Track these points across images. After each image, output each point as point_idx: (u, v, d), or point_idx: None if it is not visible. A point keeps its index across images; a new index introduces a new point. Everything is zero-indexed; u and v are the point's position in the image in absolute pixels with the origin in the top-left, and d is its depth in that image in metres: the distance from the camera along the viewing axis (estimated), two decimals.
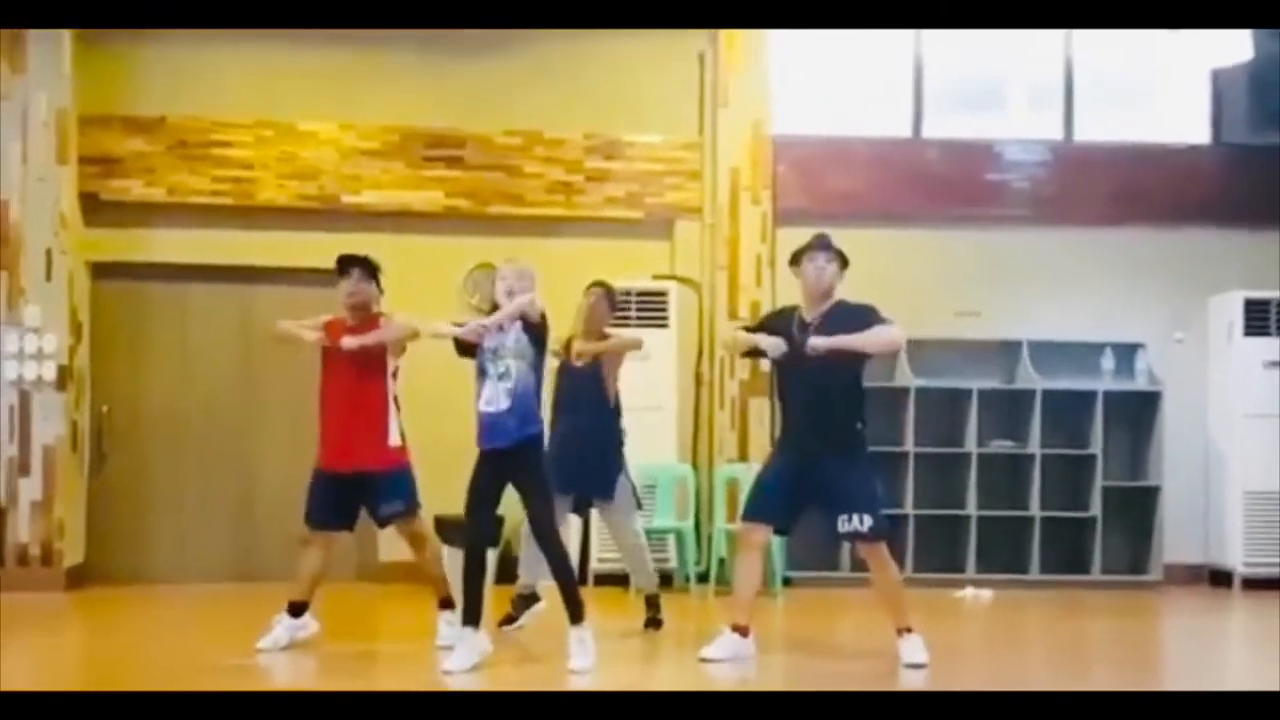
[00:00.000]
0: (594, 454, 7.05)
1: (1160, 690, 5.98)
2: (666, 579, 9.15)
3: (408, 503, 6.53)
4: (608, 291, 7.29)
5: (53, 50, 8.90)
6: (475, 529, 6.04)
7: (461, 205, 9.66)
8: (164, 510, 9.52)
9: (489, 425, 5.95)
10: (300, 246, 9.53)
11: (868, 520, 6.18)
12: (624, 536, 7.29)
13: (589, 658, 5.91)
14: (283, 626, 6.48)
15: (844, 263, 6.43)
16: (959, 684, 5.99)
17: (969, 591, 9.15)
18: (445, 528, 8.82)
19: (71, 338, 9.06)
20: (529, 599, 7.15)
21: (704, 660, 6.20)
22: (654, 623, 7.25)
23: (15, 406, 8.89)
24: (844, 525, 6.19)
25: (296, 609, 6.53)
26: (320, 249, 9.51)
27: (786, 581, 9.19)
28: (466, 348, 6.04)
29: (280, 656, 6.39)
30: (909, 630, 6.27)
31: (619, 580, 8.84)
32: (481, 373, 6.00)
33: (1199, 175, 10.14)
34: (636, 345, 7.29)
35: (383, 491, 6.48)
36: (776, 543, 8.93)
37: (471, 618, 5.93)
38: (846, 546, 9.50)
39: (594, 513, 7.64)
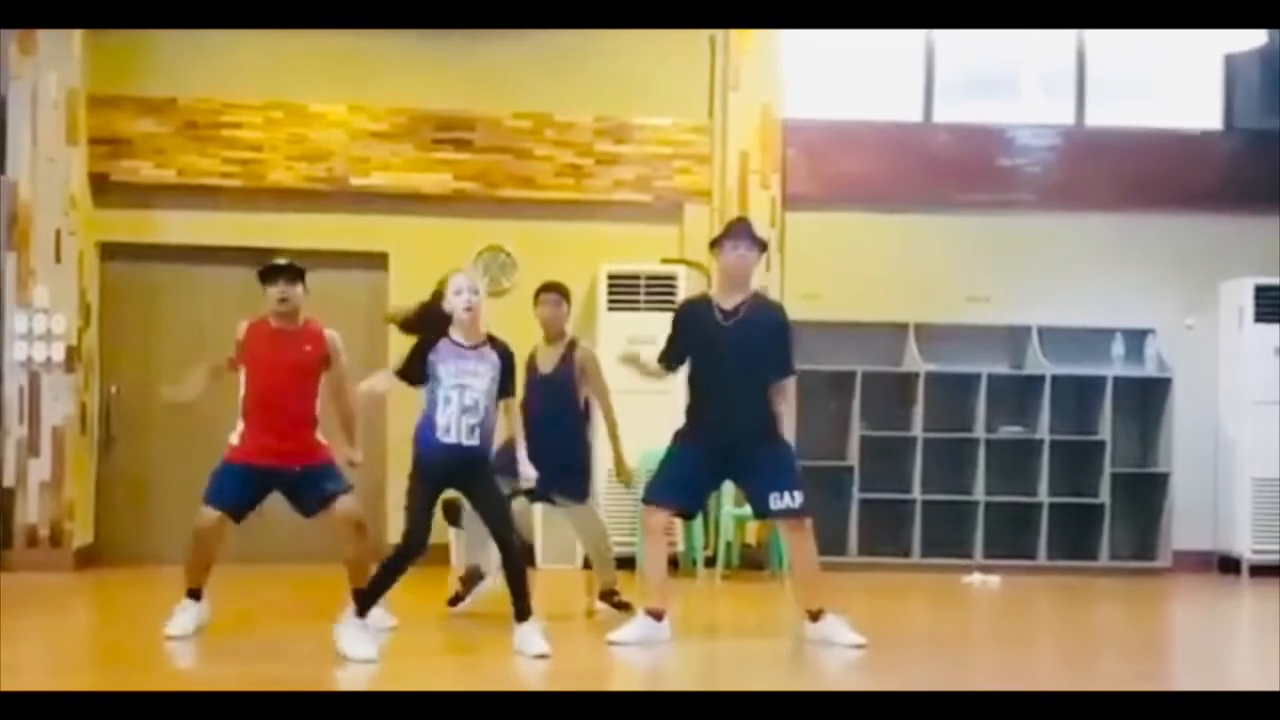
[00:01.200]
0: (569, 460, 6.98)
1: (1170, 690, 5.97)
2: (673, 563, 9.15)
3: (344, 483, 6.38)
4: (560, 295, 7.23)
5: (63, 31, 8.88)
6: (416, 536, 5.70)
7: (470, 188, 9.65)
8: (173, 491, 9.50)
9: (449, 453, 5.69)
10: (309, 228, 9.53)
11: (798, 497, 6.19)
12: (593, 533, 7.24)
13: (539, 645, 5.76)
14: (189, 613, 6.38)
15: (763, 249, 6.45)
16: (967, 671, 5.99)
17: (976, 577, 9.15)
18: (449, 510, 8.83)
19: (80, 319, 9.07)
20: (475, 577, 7.13)
21: (612, 643, 6.12)
22: (621, 606, 7.13)
23: (24, 387, 8.91)
24: (776, 503, 6.18)
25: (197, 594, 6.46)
26: (329, 231, 9.57)
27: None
28: (419, 369, 5.75)
29: (286, 641, 6.40)
30: (823, 613, 6.24)
31: (625, 564, 8.84)
32: (440, 399, 5.71)
33: (1211, 161, 10.10)
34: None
35: (318, 478, 6.34)
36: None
37: (366, 611, 5.76)
38: (854, 529, 9.53)
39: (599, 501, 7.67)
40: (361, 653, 5.59)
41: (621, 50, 9.64)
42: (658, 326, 8.18)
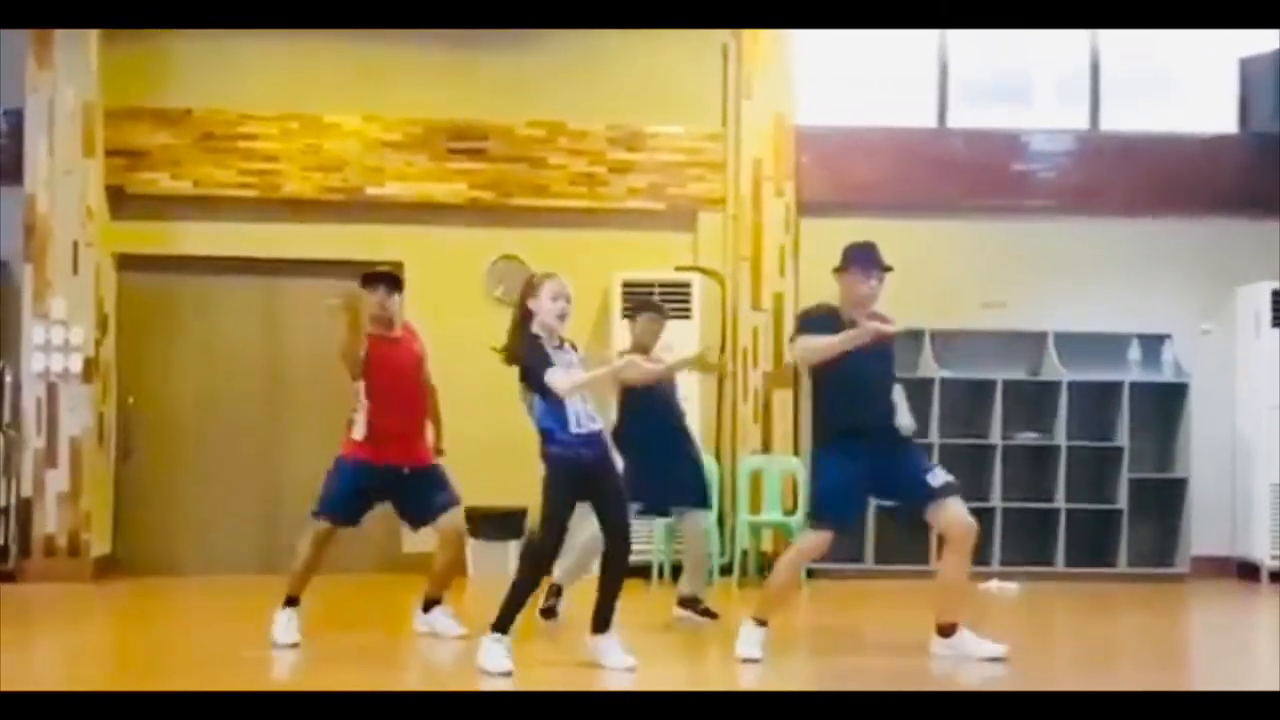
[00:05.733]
0: (686, 462, 7.26)
1: (1189, 690, 5.94)
2: None
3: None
4: (659, 314, 7.41)
5: (79, 44, 8.95)
6: (551, 549, 5.78)
7: (484, 197, 9.67)
8: (190, 502, 9.57)
9: (590, 443, 5.78)
10: (324, 238, 9.58)
11: (944, 472, 6.20)
12: (702, 542, 7.39)
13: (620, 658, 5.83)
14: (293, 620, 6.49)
15: (888, 270, 6.53)
16: (985, 678, 5.96)
17: (994, 584, 9.11)
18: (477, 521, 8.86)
19: (98, 330, 9.11)
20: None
21: (743, 660, 6.06)
22: (707, 613, 7.28)
23: (42, 399, 8.95)
24: (935, 479, 6.12)
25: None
26: (345, 241, 9.60)
27: (810, 574, 9.16)
28: (545, 354, 5.78)
29: (301, 649, 6.40)
30: (956, 628, 6.16)
31: (640, 573, 8.84)
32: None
33: (1226, 165, 10.06)
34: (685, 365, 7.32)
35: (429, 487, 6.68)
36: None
37: (506, 627, 5.76)
38: (871, 536, 9.49)
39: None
40: (497, 666, 5.59)
41: (634, 59, 9.66)
42: (672, 334, 8.19)
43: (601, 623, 5.83)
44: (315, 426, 9.52)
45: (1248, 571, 9.80)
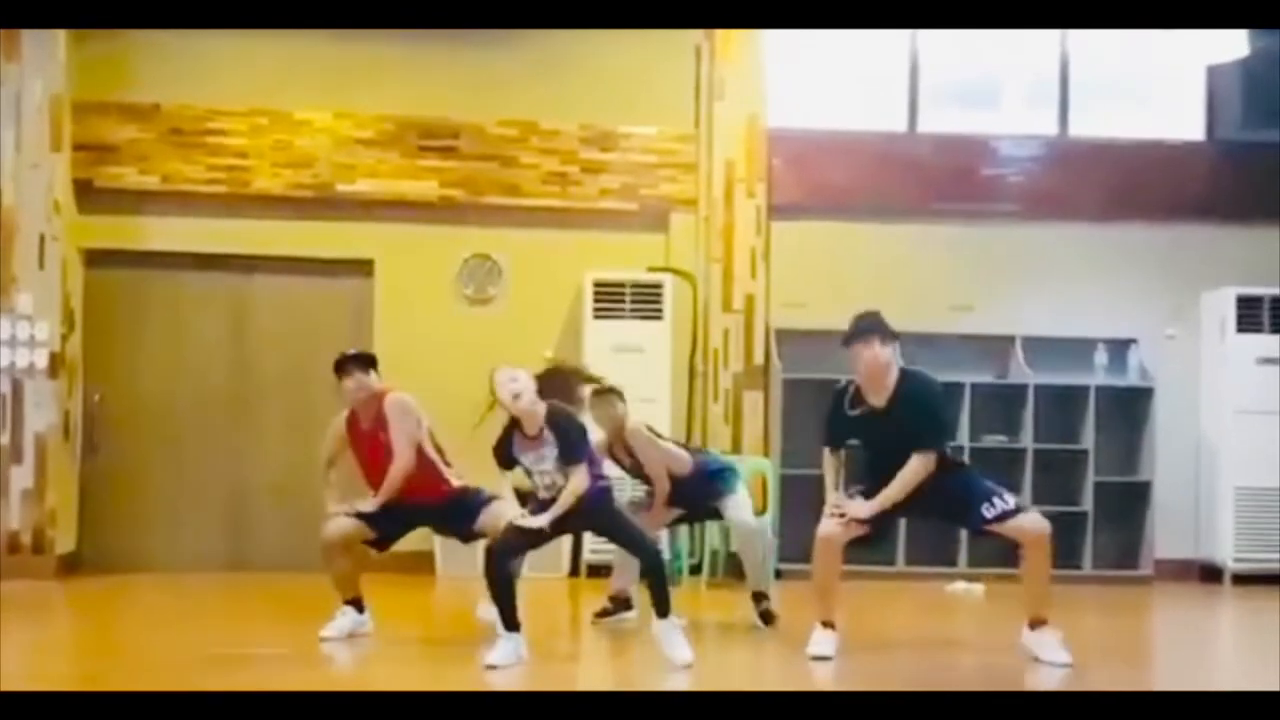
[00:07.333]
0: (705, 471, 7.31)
1: (1154, 690, 5.99)
2: None
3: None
4: (611, 393, 7.01)
5: (47, 37, 8.86)
6: (505, 553, 5.92)
7: (456, 195, 9.65)
8: (157, 499, 9.51)
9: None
10: (294, 235, 9.54)
11: (1009, 498, 6.12)
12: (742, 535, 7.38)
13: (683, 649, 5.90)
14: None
15: (894, 337, 6.34)
16: (951, 679, 6.00)
17: (960, 586, 9.16)
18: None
19: (64, 325, 9.03)
20: (624, 603, 7.25)
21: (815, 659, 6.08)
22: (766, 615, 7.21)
23: (7, 394, 8.87)
24: (990, 511, 6.08)
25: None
26: (314, 238, 9.57)
27: (778, 574, 9.18)
28: (505, 460, 5.99)
29: (270, 649, 6.38)
30: (1044, 623, 6.18)
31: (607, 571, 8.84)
32: (532, 487, 6.00)
33: (1193, 171, 10.16)
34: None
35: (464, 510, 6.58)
36: (769, 534, 8.93)
37: (512, 625, 5.86)
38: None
39: None
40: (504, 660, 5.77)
41: (607, 58, 9.65)
42: (643, 335, 8.22)
43: (657, 610, 5.93)
44: (283, 424, 9.51)
45: (1210, 574, 9.90)
